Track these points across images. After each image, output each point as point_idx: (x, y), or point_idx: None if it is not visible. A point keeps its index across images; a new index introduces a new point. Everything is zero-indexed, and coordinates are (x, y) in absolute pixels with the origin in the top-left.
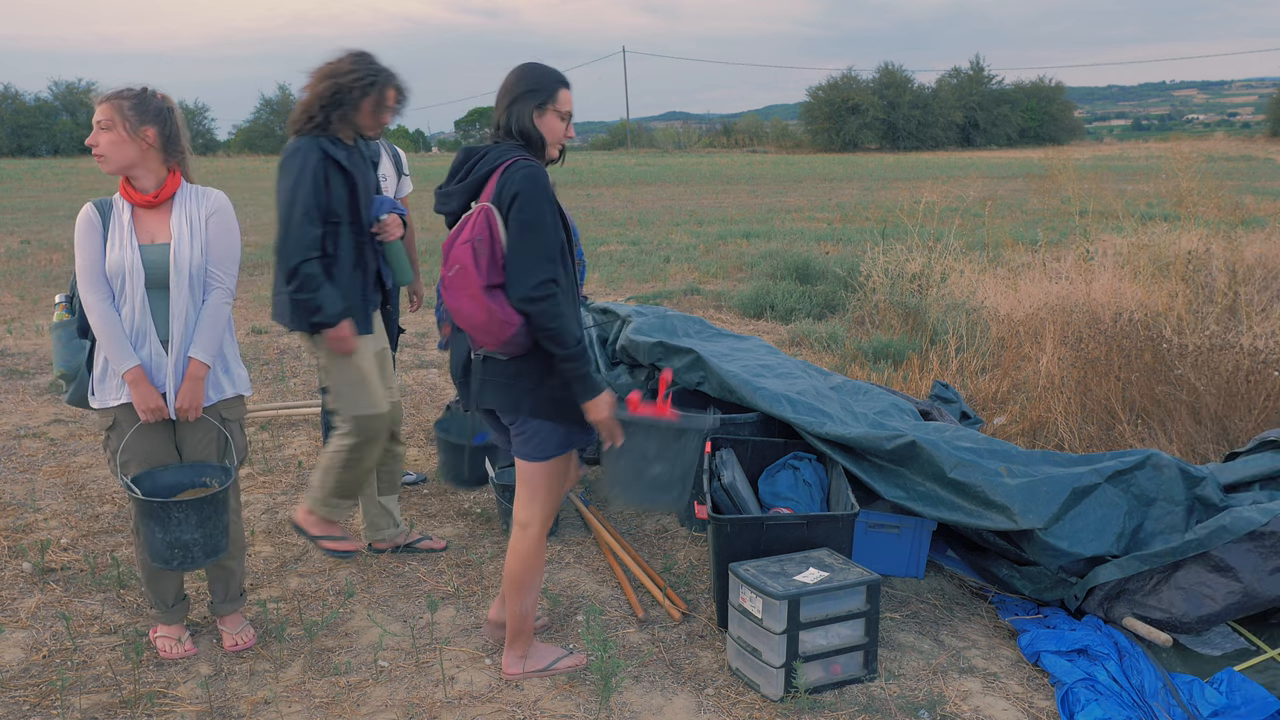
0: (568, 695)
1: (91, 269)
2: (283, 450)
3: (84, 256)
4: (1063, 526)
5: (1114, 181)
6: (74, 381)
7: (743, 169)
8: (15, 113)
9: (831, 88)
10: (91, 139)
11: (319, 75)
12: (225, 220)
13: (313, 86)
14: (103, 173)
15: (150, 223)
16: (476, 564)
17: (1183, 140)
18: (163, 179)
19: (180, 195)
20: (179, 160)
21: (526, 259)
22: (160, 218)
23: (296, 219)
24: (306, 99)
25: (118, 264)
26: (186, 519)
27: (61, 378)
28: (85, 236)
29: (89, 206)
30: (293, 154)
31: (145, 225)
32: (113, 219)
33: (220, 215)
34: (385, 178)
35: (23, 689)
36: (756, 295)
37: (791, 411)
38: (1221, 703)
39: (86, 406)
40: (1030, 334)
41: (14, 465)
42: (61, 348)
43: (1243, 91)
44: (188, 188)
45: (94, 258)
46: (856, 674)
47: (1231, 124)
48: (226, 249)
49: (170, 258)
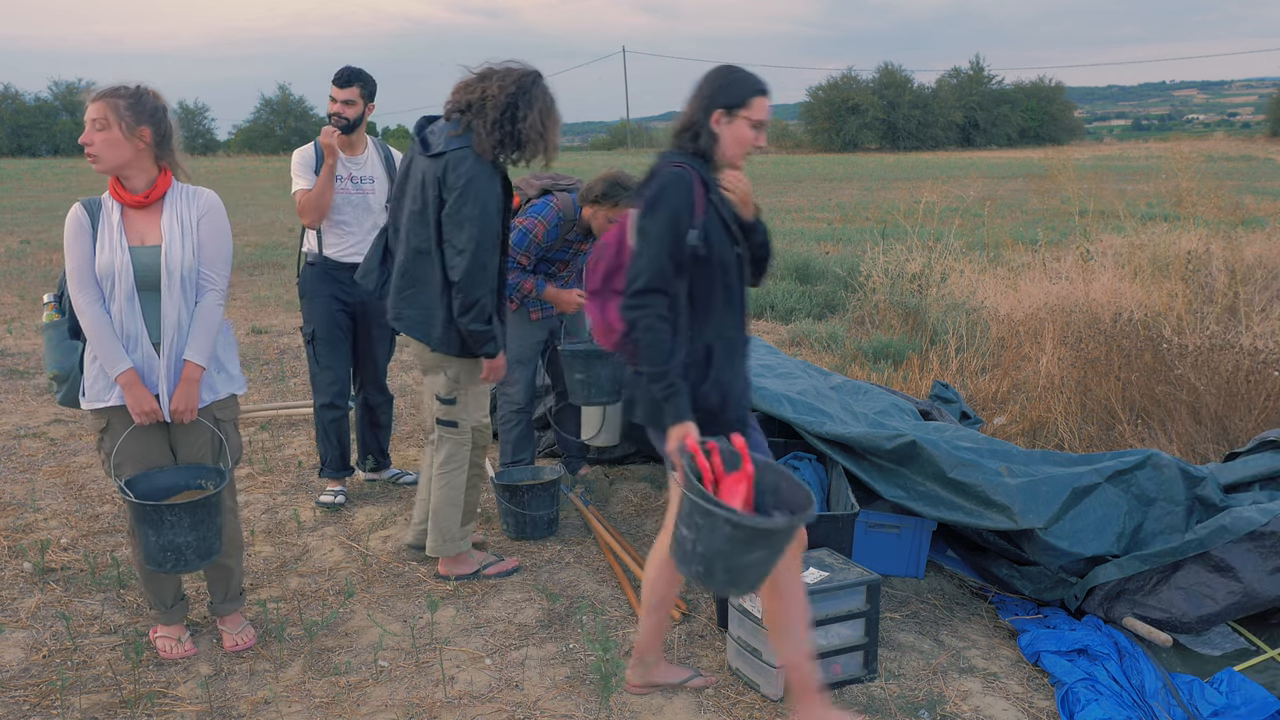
0: (568, 695)
1: (82, 270)
2: (283, 450)
3: (74, 258)
4: (1063, 526)
5: (1114, 181)
6: (66, 383)
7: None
8: (15, 113)
9: (831, 88)
10: (85, 137)
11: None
12: (217, 221)
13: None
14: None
15: (140, 223)
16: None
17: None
18: (154, 179)
19: (171, 195)
20: (169, 160)
21: (634, 266)
22: (150, 218)
23: (486, 249)
24: (495, 117)
25: (107, 265)
26: (179, 522)
27: (54, 379)
28: (75, 237)
29: (77, 206)
30: (474, 181)
31: (135, 226)
32: (102, 219)
33: (212, 216)
34: (374, 179)
35: (23, 689)
36: (756, 295)
37: (791, 411)
38: (1221, 703)
39: (78, 407)
40: (1030, 334)
41: (14, 465)
42: (53, 348)
43: (1243, 91)
44: (178, 187)
45: (84, 259)
46: (856, 674)
47: (1231, 124)
48: (219, 250)
49: (161, 260)
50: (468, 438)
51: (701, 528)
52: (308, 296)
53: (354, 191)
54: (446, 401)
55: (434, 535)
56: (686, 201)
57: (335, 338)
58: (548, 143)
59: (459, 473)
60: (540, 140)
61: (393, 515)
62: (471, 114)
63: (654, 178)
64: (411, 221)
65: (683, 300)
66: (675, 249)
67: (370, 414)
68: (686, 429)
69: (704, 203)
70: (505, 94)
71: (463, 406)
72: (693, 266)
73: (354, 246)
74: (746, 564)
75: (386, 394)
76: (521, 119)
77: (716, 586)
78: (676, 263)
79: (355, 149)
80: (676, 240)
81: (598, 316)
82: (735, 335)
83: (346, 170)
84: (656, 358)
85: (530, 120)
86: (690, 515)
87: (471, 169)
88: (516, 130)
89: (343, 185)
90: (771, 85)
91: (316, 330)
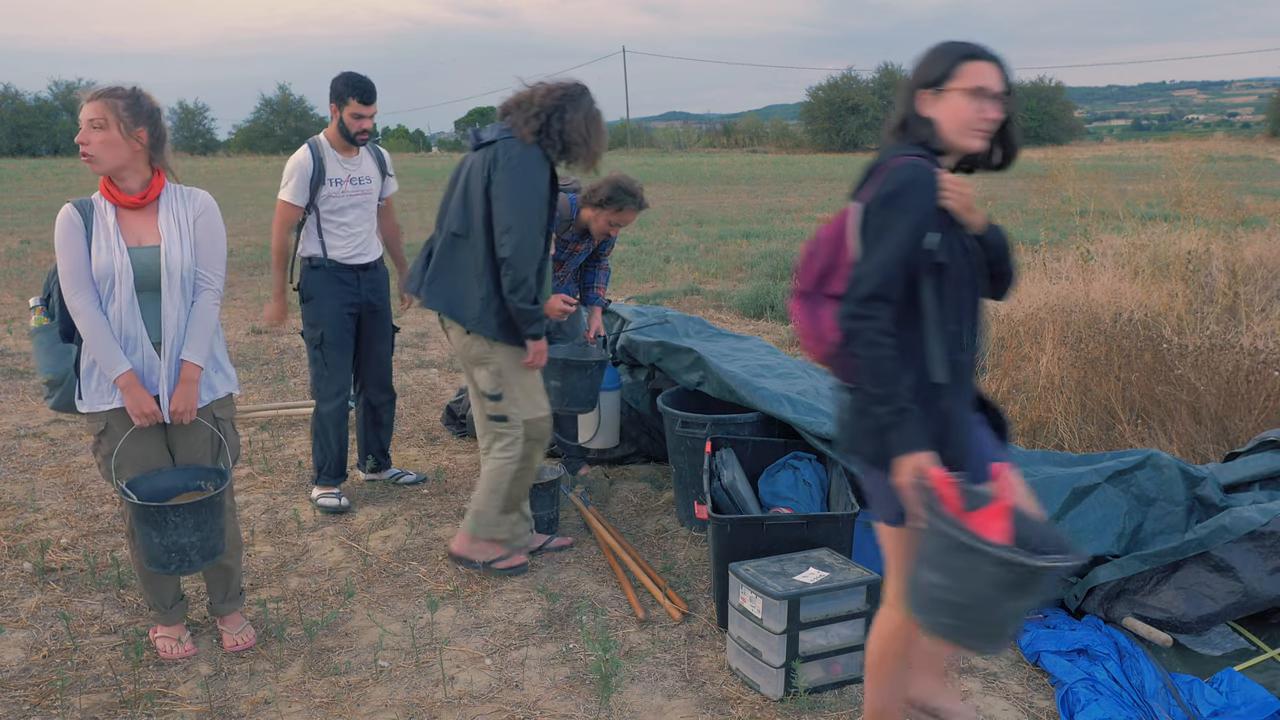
0: (568, 695)
1: (78, 271)
2: (283, 450)
3: (68, 259)
4: (1063, 526)
5: (1114, 181)
6: (61, 387)
7: (743, 169)
8: (15, 113)
9: (831, 88)
10: (82, 137)
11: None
12: (213, 221)
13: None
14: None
15: (136, 224)
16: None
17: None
18: (148, 180)
19: (165, 196)
20: (161, 161)
21: (858, 269)
22: (146, 219)
23: (534, 227)
24: (539, 104)
25: (106, 267)
26: (183, 523)
27: (48, 383)
28: (68, 238)
29: (69, 208)
30: (524, 161)
31: (131, 227)
32: (96, 220)
33: (208, 216)
34: (369, 179)
35: (23, 689)
36: (756, 295)
37: (791, 411)
38: (1221, 703)
39: (73, 411)
40: (1030, 334)
41: (14, 465)
42: (45, 352)
43: (1243, 91)
44: (172, 188)
45: (79, 260)
46: (856, 674)
47: (1231, 124)
48: (215, 250)
49: (161, 260)
50: (520, 431)
51: (959, 571)
52: (315, 299)
53: (355, 192)
54: (494, 397)
55: (471, 514)
56: (930, 200)
57: (344, 340)
58: (591, 149)
59: (508, 462)
60: (584, 145)
61: (393, 515)
62: (519, 111)
63: (885, 171)
64: (454, 208)
65: (912, 313)
66: (910, 253)
67: (373, 413)
68: (921, 459)
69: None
70: (552, 97)
71: (510, 400)
72: (927, 275)
73: (359, 247)
74: (1010, 612)
75: (391, 392)
76: (568, 120)
77: (971, 641)
78: (909, 270)
79: (351, 150)
80: (914, 243)
81: (806, 323)
82: (965, 360)
83: (345, 171)
84: (881, 376)
85: (575, 122)
86: (940, 556)
87: (522, 153)
88: (563, 130)
89: (342, 187)
90: (771, 85)
91: (326, 334)
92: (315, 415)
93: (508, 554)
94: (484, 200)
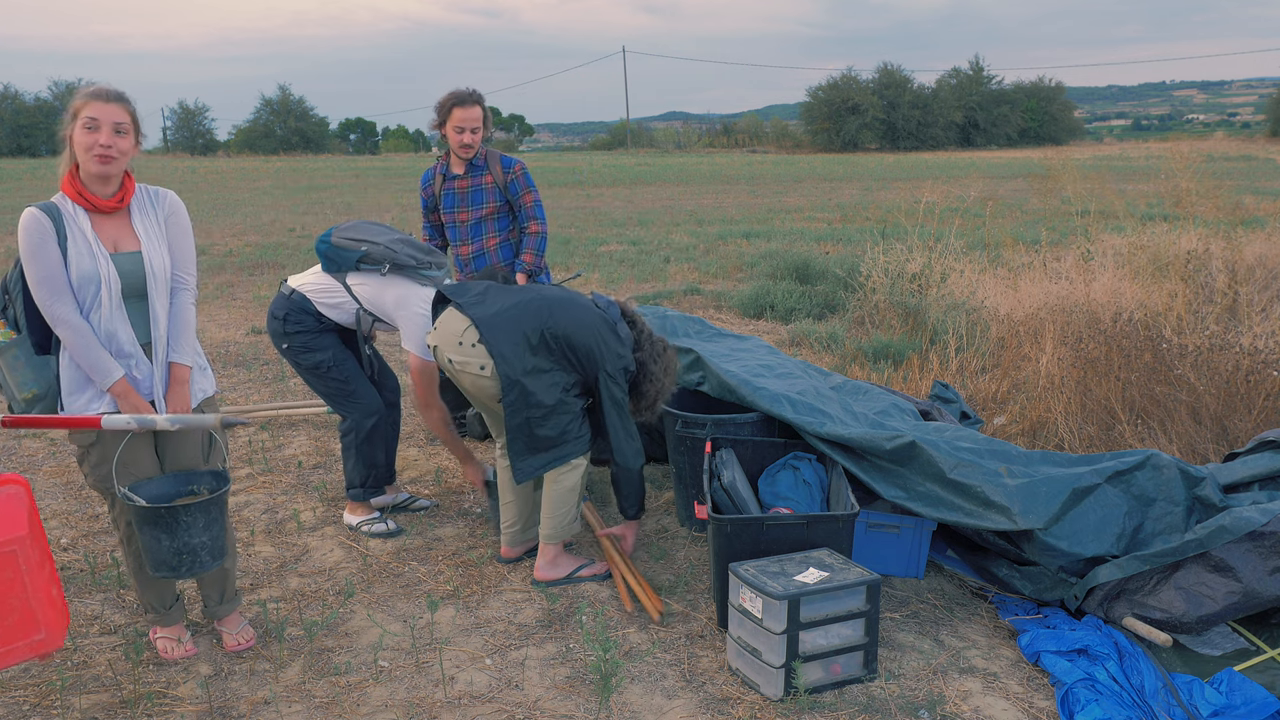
0: (568, 695)
1: (54, 279)
2: (283, 450)
3: (42, 266)
4: (1063, 527)
5: (1114, 181)
6: (44, 400)
7: (743, 169)
8: (15, 113)
9: (831, 88)
10: (107, 139)
11: None
12: (182, 221)
13: None
14: (92, 172)
15: (110, 229)
16: (477, 564)
17: (1183, 140)
18: (121, 182)
19: (136, 198)
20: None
21: None
22: (120, 223)
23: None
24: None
25: (89, 273)
26: (194, 523)
27: (30, 400)
28: (42, 243)
29: (36, 211)
30: None
31: (106, 232)
32: (68, 225)
33: (177, 216)
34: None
35: (23, 689)
36: (756, 295)
37: (791, 411)
38: (1221, 703)
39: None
40: (1030, 334)
41: (14, 465)
42: (20, 369)
43: (1243, 91)
44: (140, 189)
45: (55, 266)
46: (856, 674)
47: (1231, 124)
48: (187, 249)
49: (146, 265)
50: (585, 458)
51: None
52: (308, 331)
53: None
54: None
55: (549, 523)
56: None
57: (345, 357)
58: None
59: (573, 469)
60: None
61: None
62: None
63: None
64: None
65: None
66: None
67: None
68: None
69: None
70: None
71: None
72: None
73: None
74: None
75: (397, 393)
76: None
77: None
78: None
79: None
80: None
81: None
82: None
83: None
84: None
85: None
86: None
87: None
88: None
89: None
90: (771, 85)
91: (333, 356)
92: (351, 432)
93: (588, 561)
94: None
